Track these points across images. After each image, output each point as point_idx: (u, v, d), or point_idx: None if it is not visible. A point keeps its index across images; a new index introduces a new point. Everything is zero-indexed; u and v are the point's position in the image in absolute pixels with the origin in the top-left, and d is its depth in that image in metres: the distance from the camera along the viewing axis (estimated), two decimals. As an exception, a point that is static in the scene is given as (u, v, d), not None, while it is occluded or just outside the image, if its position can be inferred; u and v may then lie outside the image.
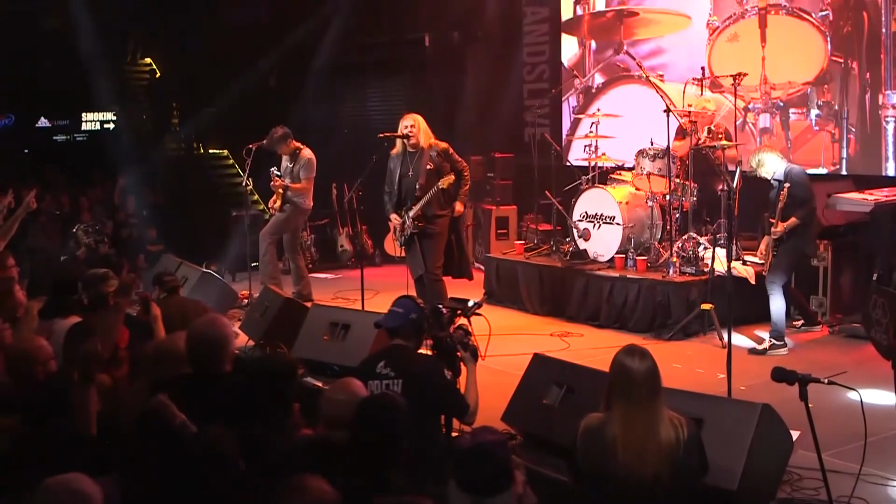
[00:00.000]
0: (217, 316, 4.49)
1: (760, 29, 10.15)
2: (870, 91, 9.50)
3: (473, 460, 3.03)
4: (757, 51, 10.17)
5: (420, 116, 8.47)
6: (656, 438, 3.86)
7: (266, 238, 10.08)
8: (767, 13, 10.11)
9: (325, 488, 2.92)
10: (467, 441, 3.14)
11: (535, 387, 5.72)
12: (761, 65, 10.14)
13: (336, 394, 3.74)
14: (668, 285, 8.56)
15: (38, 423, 4.17)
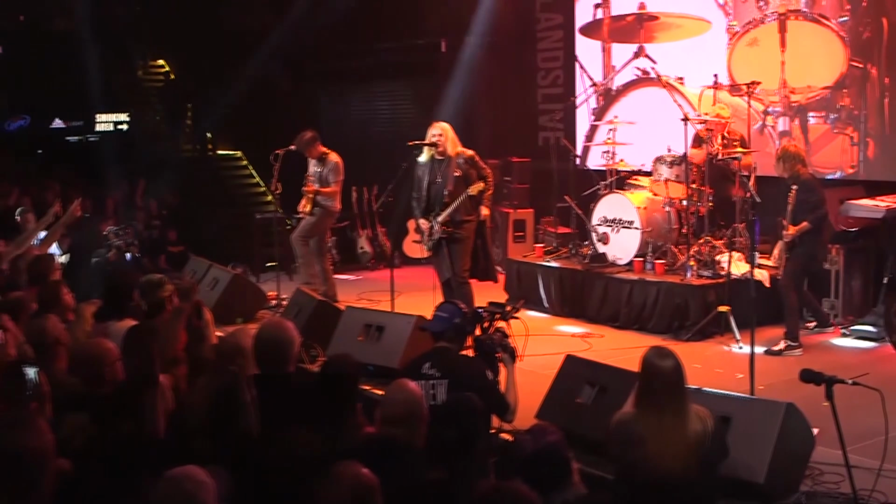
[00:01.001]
0: (283, 318, 4.79)
1: (780, 34, 10.35)
2: (889, 96, 9.73)
3: (539, 460, 3.35)
4: (777, 55, 10.38)
5: (448, 125, 8.75)
6: (685, 433, 4.16)
7: (298, 241, 10.32)
8: (787, 18, 10.31)
9: (364, 472, 3.20)
10: (530, 442, 3.46)
11: (568, 386, 6.03)
12: (781, 69, 10.35)
13: (395, 394, 4.04)
14: (687, 288, 8.87)
15: (108, 422, 4.46)
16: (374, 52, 15.27)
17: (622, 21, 12.05)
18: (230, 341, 4.80)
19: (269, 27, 17.24)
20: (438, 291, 8.76)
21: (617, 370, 5.96)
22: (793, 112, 10.39)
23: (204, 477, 3.18)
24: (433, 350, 5.37)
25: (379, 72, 15.56)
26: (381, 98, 15.92)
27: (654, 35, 11.72)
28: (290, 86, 17.19)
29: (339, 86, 16.49)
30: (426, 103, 14.11)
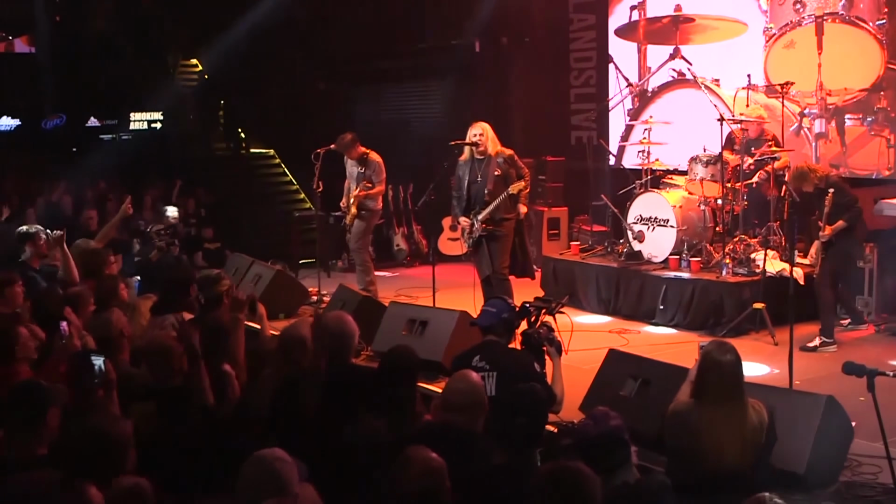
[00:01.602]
0: (343, 312, 4.99)
1: (817, 36, 10.45)
2: (925, 98, 9.88)
3: (601, 443, 3.55)
4: (813, 57, 10.48)
5: (488, 125, 8.93)
6: (741, 424, 4.36)
7: (358, 250, 10.45)
8: (824, 21, 10.42)
9: (433, 456, 3.40)
10: (593, 426, 3.66)
11: (611, 379, 6.22)
12: (817, 71, 10.45)
13: (458, 383, 4.25)
14: (722, 285, 9.02)
15: (175, 412, 4.68)
16: (408, 53, 15.45)
17: (658, 23, 12.16)
18: (293, 333, 5.01)
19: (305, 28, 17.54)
20: (478, 288, 8.95)
21: (659, 363, 6.14)
22: (829, 114, 10.50)
23: (288, 457, 3.40)
24: (482, 344, 5.57)
25: (413, 72, 15.74)
26: (416, 98, 16.08)
27: (689, 37, 11.83)
28: (324, 86, 17.38)
29: (373, 86, 16.69)
30: (460, 103, 14.31)
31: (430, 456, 3.30)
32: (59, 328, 5.66)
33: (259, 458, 3.31)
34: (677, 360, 6.22)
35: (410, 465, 3.22)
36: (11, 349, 5.33)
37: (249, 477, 3.34)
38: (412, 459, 3.24)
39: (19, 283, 6.79)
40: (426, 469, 3.24)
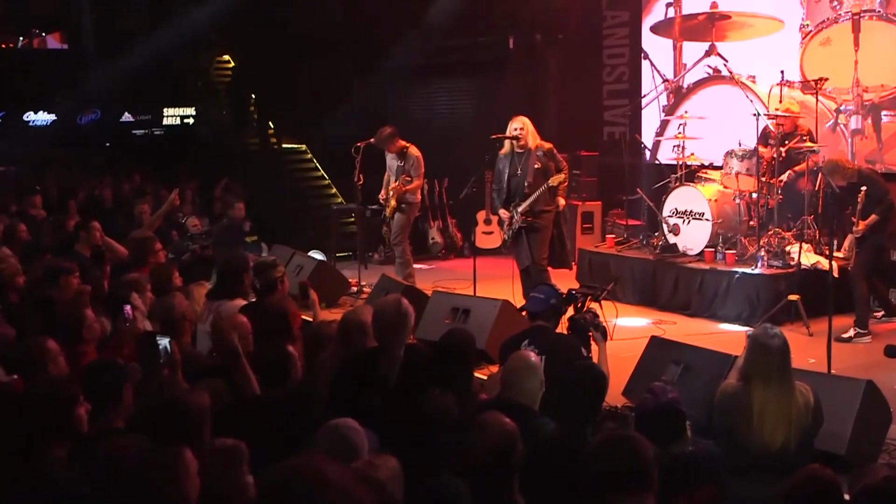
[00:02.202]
0: (400, 296, 5.20)
1: (854, 33, 10.56)
2: (964, 95, 9.98)
3: (660, 415, 3.76)
4: (850, 54, 10.59)
5: (528, 119, 9.14)
6: (790, 406, 4.53)
7: (399, 243, 10.71)
8: (861, 18, 10.53)
9: (506, 421, 3.60)
10: (652, 400, 3.87)
11: (653, 365, 6.40)
12: (854, 68, 10.57)
13: (516, 363, 4.45)
14: (758, 277, 9.17)
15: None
16: (442, 49, 15.63)
17: (694, 20, 12.29)
18: (354, 318, 5.23)
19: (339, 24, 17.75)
20: (517, 279, 9.16)
21: (700, 350, 6.33)
22: (865, 111, 10.61)
23: (358, 426, 3.60)
24: (531, 329, 5.78)
25: (447, 68, 15.89)
26: (449, 94, 16.25)
27: (725, 34, 11.95)
28: (358, 82, 17.58)
29: (406, 82, 16.87)
30: (494, 100, 14.51)
31: (504, 420, 3.50)
32: (124, 311, 5.91)
33: (332, 426, 3.52)
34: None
35: (486, 428, 3.41)
36: (79, 330, 5.58)
37: (323, 444, 3.55)
38: (488, 423, 3.43)
39: (76, 271, 7.06)
40: (501, 432, 3.44)
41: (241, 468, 3.19)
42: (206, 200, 15.41)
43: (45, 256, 8.30)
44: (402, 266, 10.71)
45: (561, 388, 4.16)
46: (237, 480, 3.18)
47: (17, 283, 7.41)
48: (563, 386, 4.16)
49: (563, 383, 4.16)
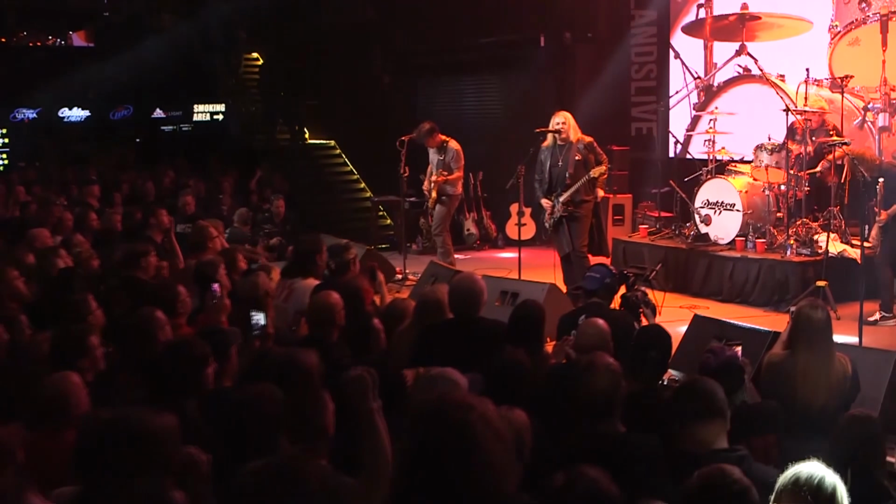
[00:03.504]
0: (473, 273, 5.72)
1: (882, 34, 10.99)
2: None
3: (723, 370, 4.27)
4: (878, 54, 11.01)
5: (569, 113, 9.65)
6: (830, 373, 5.03)
7: (440, 233, 11.24)
8: (889, 19, 10.95)
9: (612, 361, 4.09)
10: (713, 358, 4.38)
11: (696, 340, 6.88)
12: (882, 67, 10.99)
13: (588, 328, 4.98)
14: (787, 264, 9.67)
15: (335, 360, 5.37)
16: (473, 47, 16.08)
17: (724, 20, 12.74)
18: (431, 295, 5.77)
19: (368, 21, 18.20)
20: (558, 268, 9.68)
21: (741, 326, 6.83)
22: (892, 109, 11.04)
23: (458, 376, 4.09)
24: (587, 305, 6.29)
25: (479, 65, 16.31)
26: (481, 91, 16.65)
27: (755, 34, 12.39)
28: (389, 79, 18.02)
29: (437, 79, 17.31)
30: (525, 96, 14.97)
31: (610, 360, 4.00)
32: (211, 289, 6.43)
33: (429, 375, 4.01)
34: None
35: (596, 367, 3.91)
36: (174, 305, 6.10)
37: (419, 391, 4.04)
38: (597, 364, 3.93)
39: (153, 251, 7.63)
40: (609, 370, 3.93)
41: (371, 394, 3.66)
42: (244, 193, 15.89)
43: (117, 242, 8.89)
44: (444, 255, 11.23)
45: (634, 348, 4.67)
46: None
47: (91, 266, 7.97)
48: (636, 346, 4.66)
49: (637, 344, 4.67)
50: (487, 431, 2.79)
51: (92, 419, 3.71)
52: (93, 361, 4.83)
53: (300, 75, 19.03)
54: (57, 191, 14.30)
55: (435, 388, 3.93)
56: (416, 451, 2.79)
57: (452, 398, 2.87)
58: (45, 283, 6.93)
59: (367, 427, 3.58)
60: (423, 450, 2.77)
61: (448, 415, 2.76)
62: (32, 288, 7.01)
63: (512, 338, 5.17)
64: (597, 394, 3.80)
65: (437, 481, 2.71)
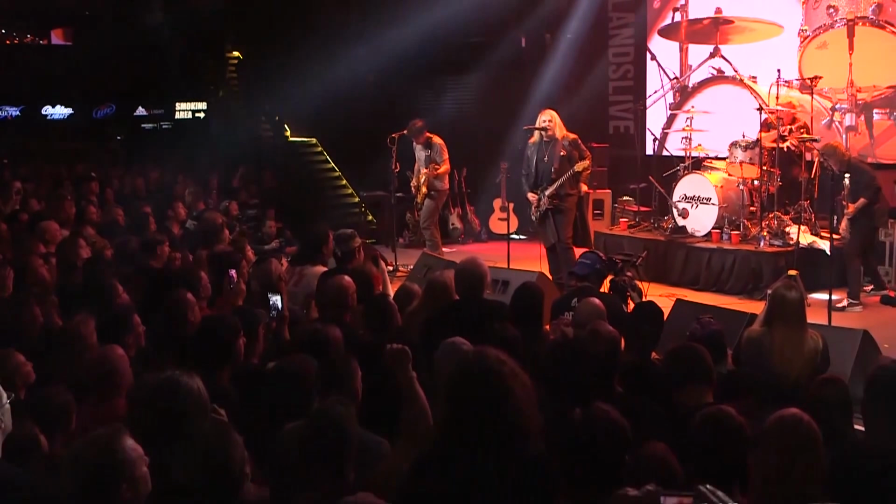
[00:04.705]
0: (476, 257, 6.20)
1: (848, 38, 11.58)
2: (947, 95, 11.07)
3: (708, 339, 4.77)
4: (844, 57, 11.62)
5: (555, 112, 10.15)
6: (803, 348, 5.51)
7: (428, 227, 11.74)
8: (855, 24, 11.54)
9: (611, 328, 4.57)
10: (700, 330, 4.89)
11: (678, 322, 7.31)
12: (848, 70, 11.60)
13: (584, 307, 5.48)
14: (761, 255, 10.23)
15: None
16: (456, 47, 16.48)
17: (699, 24, 13.28)
18: (438, 278, 6.24)
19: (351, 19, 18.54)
20: (544, 259, 10.18)
21: (721, 309, 7.38)
22: (859, 109, 11.66)
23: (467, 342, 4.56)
24: (579, 288, 6.79)
25: (462, 65, 16.72)
26: (464, 90, 17.05)
27: (728, 37, 12.95)
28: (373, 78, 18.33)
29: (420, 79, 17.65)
30: (506, 94, 15.43)
31: (610, 328, 4.50)
32: (228, 275, 6.86)
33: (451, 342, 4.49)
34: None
35: (599, 333, 4.40)
36: (197, 289, 6.52)
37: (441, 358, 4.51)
38: (599, 331, 4.43)
39: (166, 242, 8.05)
40: (610, 336, 4.42)
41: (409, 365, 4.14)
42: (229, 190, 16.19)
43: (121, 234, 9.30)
44: (432, 248, 11.71)
45: (630, 323, 5.17)
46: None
47: (106, 255, 8.37)
48: (631, 321, 5.17)
49: (633, 319, 5.17)
50: (517, 382, 3.29)
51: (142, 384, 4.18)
52: (135, 338, 5.26)
53: (282, 73, 19.32)
54: (48, 187, 14.60)
55: (457, 353, 4.41)
56: (457, 399, 3.27)
57: (487, 353, 3.36)
58: (69, 270, 7.32)
59: (408, 393, 4.05)
60: (463, 398, 3.25)
61: (486, 366, 3.25)
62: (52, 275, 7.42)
63: (514, 317, 5.63)
64: (600, 357, 4.29)
65: (476, 424, 3.19)
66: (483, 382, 3.16)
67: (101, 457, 2.92)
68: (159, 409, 3.62)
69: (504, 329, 5.09)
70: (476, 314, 5.82)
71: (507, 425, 3.16)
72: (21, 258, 7.54)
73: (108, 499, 2.89)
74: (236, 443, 3.30)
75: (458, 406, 3.25)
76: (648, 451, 3.36)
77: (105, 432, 3.12)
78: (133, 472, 2.94)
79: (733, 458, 3.28)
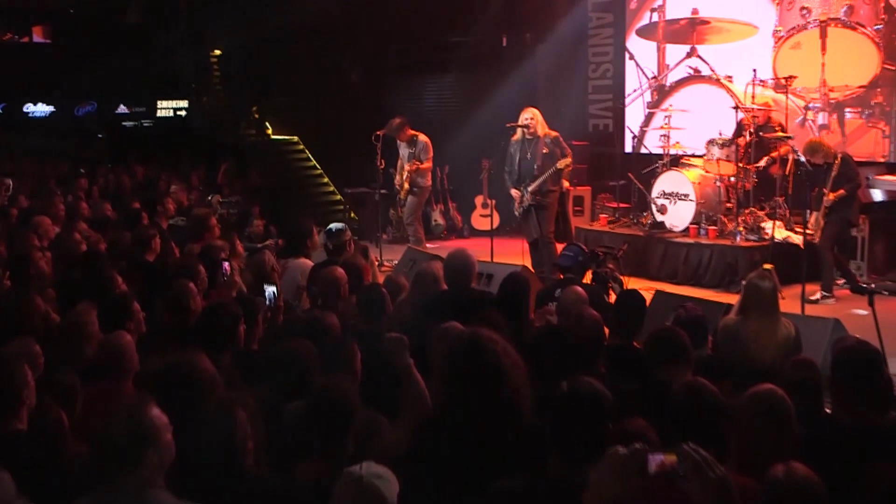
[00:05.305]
0: (465, 249, 6.44)
1: (821, 39, 11.92)
2: (916, 95, 11.42)
3: (691, 324, 5.03)
4: (817, 57, 11.95)
5: (537, 110, 10.40)
6: (776, 335, 5.77)
7: (411, 223, 11.99)
8: (828, 25, 11.87)
9: (596, 314, 4.83)
10: (685, 314, 5.15)
11: (659, 312, 7.60)
12: (821, 70, 11.92)
13: (570, 295, 5.73)
14: (737, 249, 10.54)
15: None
16: (438, 47, 16.73)
17: (676, 24, 13.60)
18: (427, 269, 6.47)
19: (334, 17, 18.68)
20: (527, 254, 10.43)
21: (699, 300, 7.61)
22: (831, 108, 11.99)
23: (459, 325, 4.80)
24: (562, 279, 7.05)
25: (445, 64, 16.94)
26: (445, 89, 17.27)
27: (705, 37, 13.26)
28: (357, 77, 18.53)
29: (403, 78, 17.86)
30: (488, 93, 15.66)
31: (595, 313, 4.77)
32: (222, 267, 7.09)
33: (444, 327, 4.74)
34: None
35: (584, 318, 4.66)
36: (196, 281, 6.74)
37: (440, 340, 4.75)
38: (584, 315, 4.68)
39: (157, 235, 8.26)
40: (595, 319, 4.70)
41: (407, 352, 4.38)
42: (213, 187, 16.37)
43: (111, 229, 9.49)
44: (416, 244, 11.95)
45: (615, 309, 5.43)
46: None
47: (100, 249, 8.56)
48: (616, 307, 5.43)
49: (617, 305, 5.43)
50: (508, 359, 3.54)
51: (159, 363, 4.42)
52: (137, 325, 5.47)
53: (264, 71, 19.48)
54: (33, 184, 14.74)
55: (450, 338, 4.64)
56: (453, 375, 3.52)
57: (481, 332, 3.61)
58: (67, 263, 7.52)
59: (406, 377, 4.31)
60: (459, 373, 3.50)
61: (480, 343, 3.50)
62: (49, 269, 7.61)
63: (501, 305, 5.88)
64: (584, 339, 4.54)
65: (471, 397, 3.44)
66: (477, 358, 3.41)
67: (131, 424, 3.16)
68: (174, 385, 3.85)
69: (490, 315, 5.32)
70: (464, 302, 6.06)
71: (500, 398, 3.41)
72: (18, 253, 7.74)
73: (136, 463, 3.12)
74: (239, 419, 3.54)
75: (454, 381, 3.50)
76: (628, 425, 3.62)
77: (133, 402, 3.37)
78: (159, 439, 3.18)
79: (710, 426, 3.54)
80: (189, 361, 4.11)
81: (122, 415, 3.19)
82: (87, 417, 4.45)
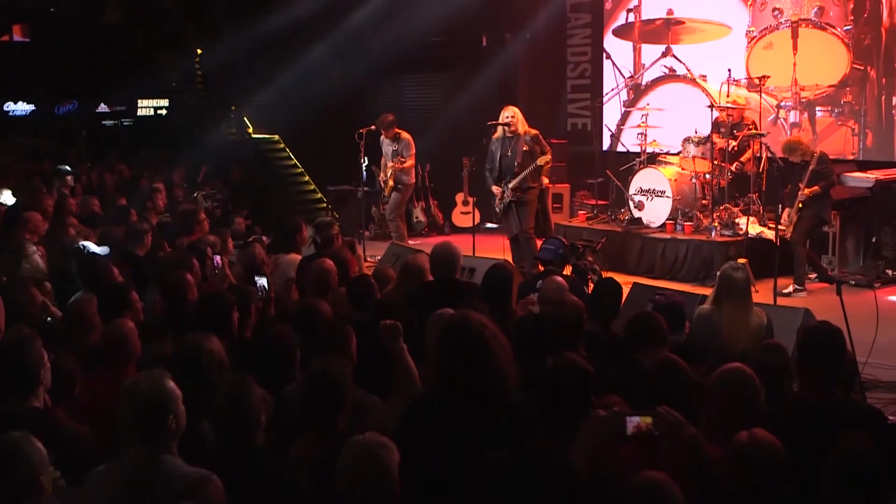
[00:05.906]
0: (450, 241, 6.67)
1: (793, 39, 12.24)
2: (885, 94, 11.73)
3: (669, 311, 5.29)
4: (789, 57, 12.27)
5: (517, 108, 10.64)
6: (749, 323, 6.03)
7: (394, 219, 12.23)
8: (799, 26, 12.19)
9: (577, 299, 5.10)
10: (664, 300, 5.43)
11: (636, 302, 7.86)
12: (793, 69, 12.25)
13: (550, 284, 5.98)
14: (712, 244, 10.82)
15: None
16: (418, 46, 16.89)
17: (652, 24, 13.90)
18: (413, 261, 6.72)
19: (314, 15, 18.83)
20: (507, 250, 10.67)
21: (675, 291, 7.87)
22: (802, 106, 12.33)
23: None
24: (543, 272, 7.27)
25: (425, 63, 17.18)
26: (427, 87, 17.58)
27: (680, 37, 13.56)
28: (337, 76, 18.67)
29: (384, 77, 18.05)
30: (468, 92, 15.87)
31: (576, 299, 5.02)
32: (213, 260, 7.29)
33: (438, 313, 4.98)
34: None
35: (566, 304, 4.92)
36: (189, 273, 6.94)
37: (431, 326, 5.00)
38: (566, 301, 4.94)
39: (150, 232, 8.45)
40: (576, 305, 4.95)
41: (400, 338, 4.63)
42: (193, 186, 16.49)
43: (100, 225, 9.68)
44: (398, 240, 12.18)
45: (592, 296, 5.68)
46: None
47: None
48: (594, 294, 5.68)
49: (595, 292, 5.69)
50: (496, 341, 3.79)
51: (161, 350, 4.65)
52: (135, 313, 5.68)
53: (244, 69, 19.60)
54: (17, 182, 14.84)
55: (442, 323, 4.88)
56: (444, 355, 3.77)
57: (471, 315, 3.85)
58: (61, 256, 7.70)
59: (398, 362, 4.56)
60: (450, 353, 3.74)
61: (470, 327, 3.75)
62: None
63: (485, 295, 6.12)
64: (566, 322, 4.79)
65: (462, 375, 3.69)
66: (467, 339, 3.65)
67: (154, 391, 3.41)
68: (185, 363, 4.10)
69: (475, 303, 5.56)
70: (450, 292, 6.29)
71: (488, 375, 3.66)
72: (9, 248, 7.93)
73: (158, 428, 3.36)
74: (255, 392, 3.77)
75: (446, 361, 3.74)
76: (606, 402, 3.87)
77: (153, 372, 3.60)
78: (177, 408, 3.42)
79: (681, 400, 3.78)
80: (199, 342, 4.35)
81: (146, 382, 3.42)
82: (93, 401, 4.67)
